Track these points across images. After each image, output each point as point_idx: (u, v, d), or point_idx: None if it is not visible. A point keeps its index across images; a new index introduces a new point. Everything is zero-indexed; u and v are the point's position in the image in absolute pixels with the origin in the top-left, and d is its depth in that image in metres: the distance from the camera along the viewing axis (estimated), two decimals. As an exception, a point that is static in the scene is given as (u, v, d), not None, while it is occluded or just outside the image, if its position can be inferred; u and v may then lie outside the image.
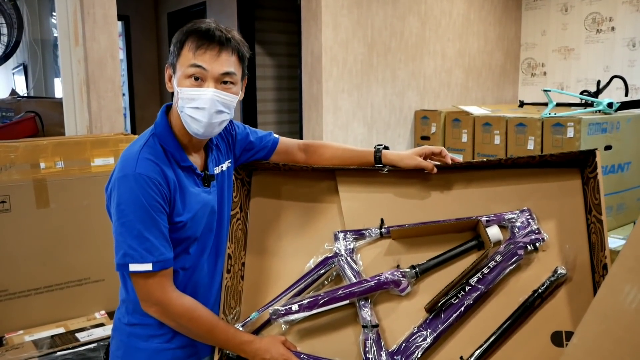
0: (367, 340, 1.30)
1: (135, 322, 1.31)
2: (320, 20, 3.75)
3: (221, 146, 1.41)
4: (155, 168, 1.20)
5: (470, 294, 1.32)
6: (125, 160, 1.21)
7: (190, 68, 1.20)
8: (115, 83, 2.64)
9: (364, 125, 4.12)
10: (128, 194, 1.17)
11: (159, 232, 1.18)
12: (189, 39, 1.21)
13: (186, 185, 1.26)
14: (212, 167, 1.36)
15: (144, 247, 1.17)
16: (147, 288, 1.21)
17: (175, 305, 1.22)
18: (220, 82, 1.22)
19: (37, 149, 2.14)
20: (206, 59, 1.20)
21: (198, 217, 1.29)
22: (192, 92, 1.20)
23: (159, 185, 1.19)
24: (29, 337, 2.06)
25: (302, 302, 1.34)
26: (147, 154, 1.21)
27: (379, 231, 1.44)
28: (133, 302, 1.29)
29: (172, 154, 1.26)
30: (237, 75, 1.26)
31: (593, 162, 1.33)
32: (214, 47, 1.20)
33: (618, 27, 4.62)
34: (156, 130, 1.28)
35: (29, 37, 4.02)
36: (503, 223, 1.40)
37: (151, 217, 1.17)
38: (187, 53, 1.21)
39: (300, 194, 1.55)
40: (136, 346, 1.31)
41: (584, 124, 2.98)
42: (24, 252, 2.12)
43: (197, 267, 1.33)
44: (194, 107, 1.21)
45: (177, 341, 1.31)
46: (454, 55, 4.73)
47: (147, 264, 1.17)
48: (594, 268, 1.32)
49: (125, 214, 1.17)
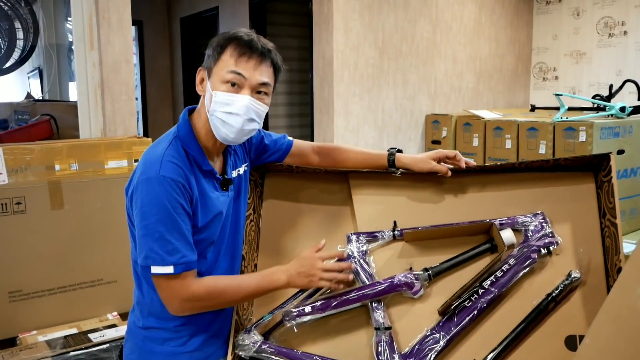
0: (380, 343, 1.30)
1: (150, 326, 1.31)
2: (332, 24, 3.76)
3: (238, 150, 1.42)
4: (179, 171, 1.20)
5: (484, 297, 1.31)
6: (149, 162, 1.21)
7: (229, 74, 1.21)
8: (129, 86, 2.66)
9: (375, 129, 4.12)
10: (151, 197, 1.17)
11: (180, 235, 1.19)
12: (231, 45, 1.23)
13: (206, 190, 1.27)
14: (230, 171, 1.37)
15: (166, 249, 1.17)
16: (171, 289, 1.21)
17: (200, 293, 1.22)
18: (256, 91, 1.24)
19: (52, 152, 2.16)
20: (247, 67, 1.22)
21: (215, 221, 1.29)
22: (228, 97, 1.21)
23: (182, 188, 1.19)
24: (43, 337, 2.08)
25: (315, 304, 1.34)
26: (170, 157, 1.22)
27: (392, 234, 1.44)
28: (148, 305, 1.30)
29: (195, 158, 1.26)
30: (271, 86, 1.28)
31: (607, 165, 1.33)
32: (256, 57, 1.22)
33: (630, 31, 4.59)
34: (179, 133, 1.28)
35: (44, 41, 4.07)
36: (517, 226, 1.39)
37: (173, 220, 1.18)
38: (227, 59, 1.22)
39: (313, 196, 1.55)
40: (151, 350, 1.31)
41: (596, 128, 2.96)
42: (38, 253, 2.14)
43: (213, 271, 1.34)
44: (228, 112, 1.22)
45: (193, 344, 1.31)
46: (465, 59, 4.73)
47: (169, 267, 1.17)
48: (608, 272, 1.31)
49: (148, 216, 1.18)
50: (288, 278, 1.28)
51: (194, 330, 1.32)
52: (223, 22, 5.61)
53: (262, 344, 1.31)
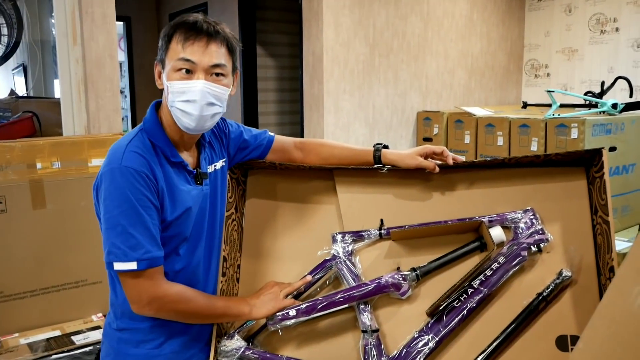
0: (367, 346, 1.27)
1: (124, 327, 1.27)
2: (322, 20, 3.72)
3: (215, 145, 1.38)
4: (142, 161, 1.16)
5: (473, 297, 1.28)
6: (112, 154, 1.18)
7: (179, 61, 1.18)
8: (113, 83, 2.61)
9: (366, 126, 4.09)
10: (113, 188, 1.13)
11: (145, 229, 1.14)
12: (176, 32, 1.19)
13: (175, 183, 1.23)
14: (205, 165, 1.32)
15: (129, 244, 1.13)
16: (138, 288, 1.16)
17: (169, 294, 1.18)
18: (211, 74, 1.20)
19: (34, 149, 2.11)
20: (195, 51, 1.17)
21: (187, 215, 1.25)
22: (182, 85, 1.18)
23: (146, 179, 1.15)
24: (25, 339, 2.04)
25: (300, 307, 1.30)
26: (134, 147, 1.18)
27: (379, 232, 1.41)
28: (121, 305, 1.26)
29: (162, 150, 1.22)
30: (228, 67, 1.23)
31: (600, 161, 1.29)
32: (202, 39, 1.18)
33: (622, 27, 4.58)
34: (145, 125, 1.25)
35: (28, 37, 4.01)
36: (506, 223, 1.36)
37: (137, 213, 1.13)
38: (175, 47, 1.19)
39: (297, 193, 1.51)
40: (126, 352, 1.27)
41: (588, 125, 2.94)
42: (20, 253, 2.09)
43: (189, 269, 1.29)
44: (185, 100, 1.18)
45: (169, 347, 1.27)
46: (457, 56, 4.70)
47: (132, 263, 1.13)
48: (600, 270, 1.29)
49: (110, 209, 1.13)
50: (251, 309, 1.27)
51: (170, 333, 1.27)
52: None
53: (245, 350, 1.28)
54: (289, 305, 1.29)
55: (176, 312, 1.21)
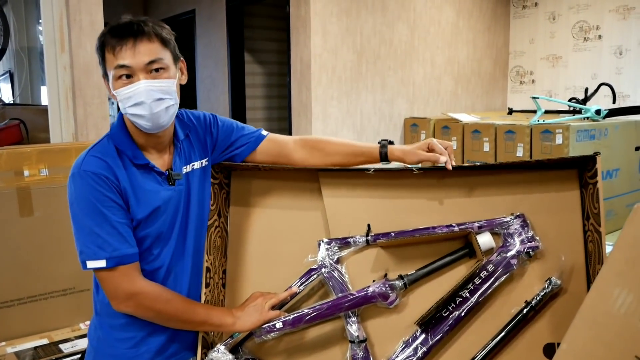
0: (355, 356, 1.27)
1: (100, 324, 1.30)
2: (309, 27, 3.74)
3: (195, 144, 1.37)
4: (102, 164, 1.19)
5: (461, 306, 1.27)
6: (75, 161, 1.22)
7: (116, 70, 1.18)
8: (101, 90, 2.61)
9: (354, 133, 4.11)
10: (76, 193, 1.18)
11: (111, 228, 1.17)
12: (105, 42, 1.20)
13: (141, 184, 1.24)
14: (179, 165, 1.31)
15: (96, 243, 1.17)
16: (114, 284, 1.19)
17: (148, 291, 1.20)
18: (149, 71, 1.20)
19: (21, 157, 2.10)
20: (127, 55, 1.17)
21: (156, 216, 1.25)
22: (127, 91, 1.19)
23: (106, 180, 1.18)
24: (12, 348, 2.02)
25: (287, 318, 1.28)
26: (95, 152, 1.22)
27: (365, 239, 1.37)
28: (101, 301, 1.28)
29: (126, 153, 1.24)
30: (165, 59, 1.22)
31: (593, 167, 1.27)
32: (128, 41, 1.18)
33: (605, 35, 4.66)
34: (111, 132, 1.28)
35: (15, 44, 3.99)
36: (496, 229, 1.33)
37: (101, 213, 1.17)
38: (109, 56, 1.19)
39: (283, 196, 1.47)
40: (104, 352, 1.29)
41: (572, 131, 2.99)
42: (7, 261, 2.07)
43: (164, 268, 1.29)
44: (134, 104, 1.19)
45: (145, 346, 1.27)
46: (443, 63, 4.74)
47: (101, 261, 1.17)
48: (590, 278, 1.27)
49: (76, 212, 1.18)
50: (235, 321, 1.27)
51: (149, 332, 1.28)
52: (200, 25, 5.56)
53: None
54: (274, 317, 1.28)
55: (154, 312, 1.22)
